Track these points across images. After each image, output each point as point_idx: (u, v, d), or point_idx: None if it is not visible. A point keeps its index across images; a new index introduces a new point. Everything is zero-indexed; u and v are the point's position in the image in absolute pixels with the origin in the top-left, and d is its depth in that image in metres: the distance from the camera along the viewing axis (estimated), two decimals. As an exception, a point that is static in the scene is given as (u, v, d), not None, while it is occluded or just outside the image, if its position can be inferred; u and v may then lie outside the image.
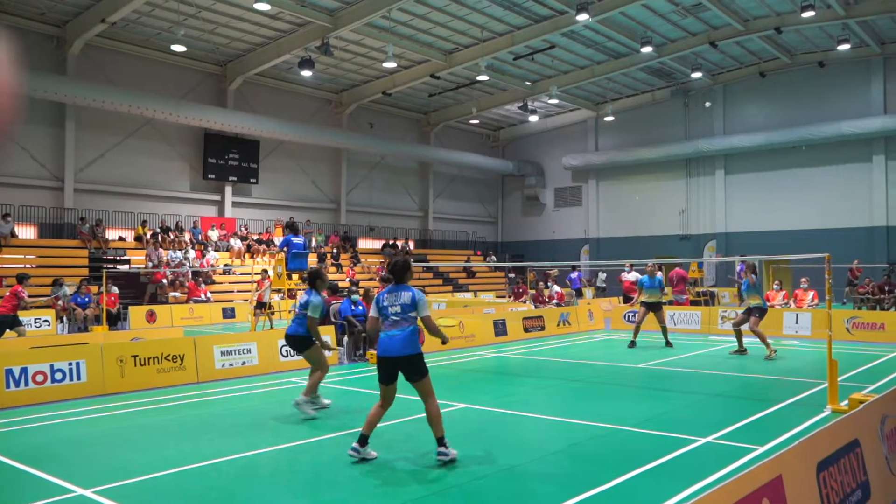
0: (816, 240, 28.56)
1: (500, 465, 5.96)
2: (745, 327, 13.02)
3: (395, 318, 6.03)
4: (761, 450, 6.22)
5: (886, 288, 21.00)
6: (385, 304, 6.08)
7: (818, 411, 7.92)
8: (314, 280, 8.32)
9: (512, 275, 35.67)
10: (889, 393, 5.76)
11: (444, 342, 6.44)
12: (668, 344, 14.44)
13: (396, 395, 6.20)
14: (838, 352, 8.98)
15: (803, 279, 19.46)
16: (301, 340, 8.18)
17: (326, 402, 8.32)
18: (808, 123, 30.43)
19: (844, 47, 26.54)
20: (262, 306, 17.51)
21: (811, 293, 18.73)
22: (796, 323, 16.40)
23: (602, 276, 32.17)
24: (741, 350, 13.34)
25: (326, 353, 8.52)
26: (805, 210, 31.14)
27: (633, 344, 14.62)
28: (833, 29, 26.68)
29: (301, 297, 8.36)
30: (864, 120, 29.12)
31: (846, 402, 7.84)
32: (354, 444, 6.03)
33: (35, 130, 23.98)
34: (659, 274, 15.01)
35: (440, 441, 5.91)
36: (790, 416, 7.80)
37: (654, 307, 14.60)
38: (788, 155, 31.55)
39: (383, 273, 28.17)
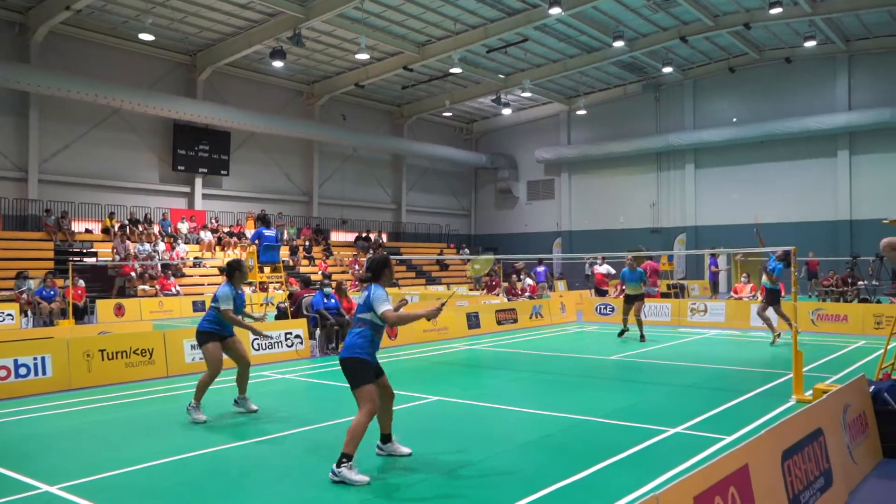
0: (783, 233, 29.09)
1: (472, 457, 5.99)
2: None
3: (357, 315, 5.73)
4: (729, 439, 6.34)
5: (850, 280, 21.49)
6: (359, 303, 5.78)
7: (784, 401, 8.09)
8: (232, 272, 7.87)
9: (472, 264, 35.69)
10: (851, 383, 5.91)
11: (429, 318, 5.84)
12: (642, 338, 14.36)
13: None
14: (803, 343, 9.17)
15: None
16: (199, 336, 7.70)
17: (254, 407, 7.82)
18: (775, 118, 30.96)
19: (811, 44, 27.02)
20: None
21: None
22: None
23: (588, 264, 31.88)
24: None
25: (256, 338, 8.17)
26: (772, 204, 31.67)
27: (623, 333, 14.78)
28: (800, 26, 27.14)
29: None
30: (829, 116, 29.71)
31: (810, 392, 8.01)
32: (378, 444, 6.04)
33: (-3, 120, 23.40)
34: (640, 266, 15.00)
35: (343, 458, 5.28)
36: (757, 406, 7.96)
37: (637, 299, 14.55)
38: (757, 149, 32.07)
39: (360, 273, 28.15)
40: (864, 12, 25.45)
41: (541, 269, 24.42)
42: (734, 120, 32.57)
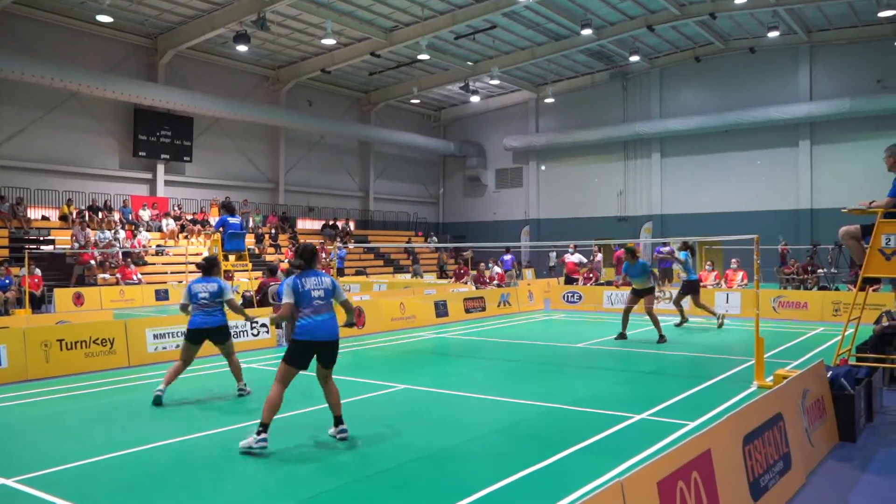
0: (747, 221, 29.61)
1: (438, 445, 5.98)
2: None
3: (319, 301, 5.95)
4: (692, 425, 6.43)
5: (810, 268, 21.96)
6: (308, 288, 5.93)
7: (745, 387, 8.24)
8: (211, 268, 8.19)
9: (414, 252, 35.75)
10: (810, 368, 6.03)
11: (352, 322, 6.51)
12: (661, 338, 12.46)
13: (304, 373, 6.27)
14: (765, 329, 9.34)
15: (734, 260, 20.16)
16: (228, 330, 8.15)
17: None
18: (739, 108, 31.41)
19: (774, 34, 27.43)
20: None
21: (741, 273, 19.42)
22: (727, 302, 16.99)
23: (552, 255, 32.23)
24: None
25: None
26: (736, 193, 32.21)
27: (622, 336, 12.84)
28: (764, 16, 27.53)
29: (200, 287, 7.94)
30: (791, 106, 30.25)
31: (771, 377, 8.17)
32: (331, 429, 6.18)
33: (-52, 103, 22.58)
34: (642, 258, 13.59)
35: (340, 420, 6.12)
36: (719, 392, 8.09)
37: (646, 292, 12.88)
38: (721, 139, 32.54)
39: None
40: (825, 3, 25.89)
41: (508, 257, 24.49)
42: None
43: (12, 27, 23.68)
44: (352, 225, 35.80)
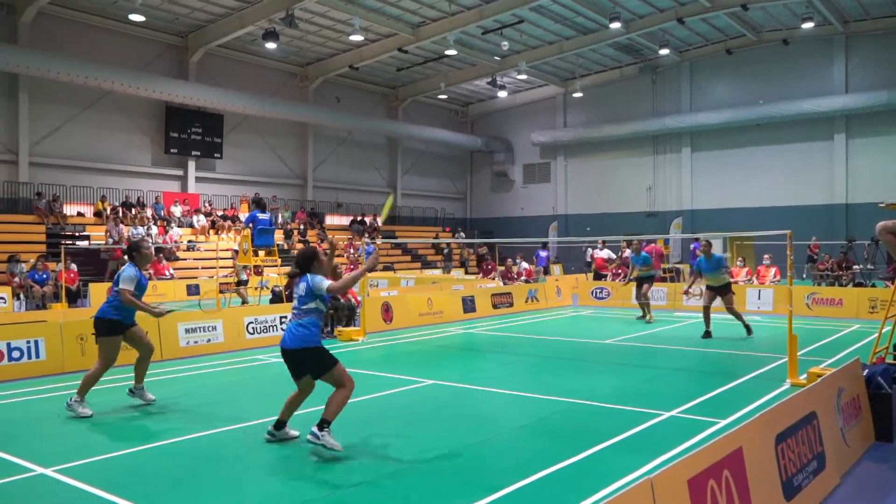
0: (779, 217, 29.07)
1: (465, 441, 5.98)
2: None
3: (295, 309, 5.77)
4: (723, 423, 6.34)
5: (844, 264, 21.51)
6: (296, 295, 5.84)
7: (778, 385, 8.10)
8: (131, 253, 7.39)
9: (445, 249, 35.70)
10: (845, 367, 5.91)
11: (370, 269, 6.19)
12: (748, 330, 12.29)
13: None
14: (798, 327, 9.17)
15: (766, 256, 19.83)
16: (101, 324, 7.20)
17: (151, 396, 7.48)
18: (772, 101, 30.81)
19: (808, 25, 26.85)
20: (240, 283, 17.31)
21: (773, 269, 19.10)
22: (758, 299, 16.75)
23: (590, 251, 31.45)
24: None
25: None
26: (768, 187, 31.65)
27: (707, 334, 12.40)
28: (798, 7, 26.96)
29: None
30: (826, 98, 29.59)
31: (805, 375, 8.03)
32: (270, 429, 5.97)
33: (-13, 102, 23.15)
34: (718, 252, 13.22)
35: (322, 423, 5.52)
36: (751, 389, 7.97)
37: (722, 290, 12.39)
38: (753, 132, 31.97)
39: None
40: (862, -7, 25.30)
41: (543, 253, 24.47)
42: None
43: (48, 28, 24.19)
44: (379, 220, 35.93)
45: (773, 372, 9.01)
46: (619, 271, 21.98)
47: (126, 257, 7.52)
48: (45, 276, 17.97)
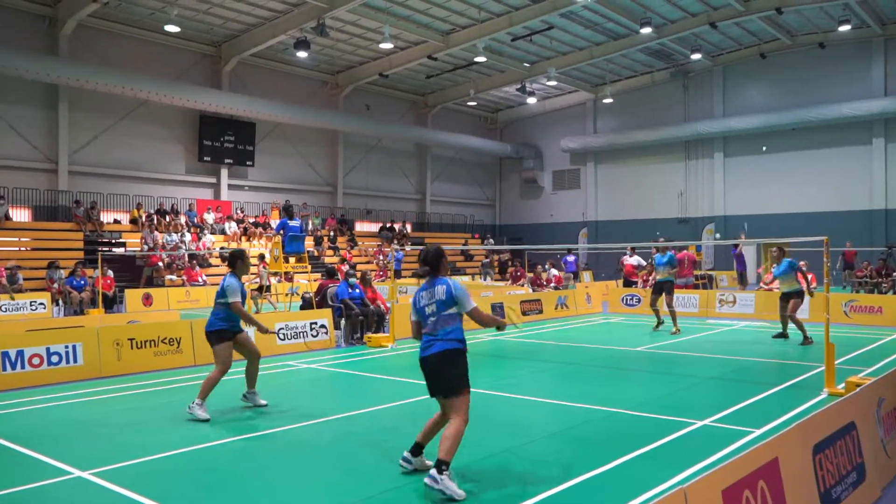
0: (815, 223, 28.52)
1: (495, 448, 5.96)
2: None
3: (432, 318, 5.23)
4: (758, 432, 6.22)
5: (884, 271, 21.01)
6: (423, 304, 5.29)
7: (815, 394, 7.93)
8: (235, 261, 7.54)
9: (485, 258, 35.60)
10: (886, 376, 5.76)
11: (499, 328, 5.65)
12: (806, 340, 12.14)
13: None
14: (836, 335, 8.97)
15: (801, 262, 19.41)
16: (213, 335, 7.37)
17: (263, 402, 7.60)
18: (808, 105, 30.28)
19: (845, 28, 26.34)
20: (261, 290, 17.52)
21: (809, 276, 18.70)
22: (793, 306, 16.34)
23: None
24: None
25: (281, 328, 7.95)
26: (804, 193, 31.07)
27: (783, 335, 12.80)
28: (834, 9, 26.47)
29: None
30: (864, 102, 28.96)
31: (843, 385, 7.85)
32: (406, 454, 5.37)
33: (28, 112, 23.79)
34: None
35: (440, 465, 4.81)
36: (787, 399, 7.81)
37: (793, 296, 12.40)
38: (788, 137, 31.43)
39: (383, 261, 28.24)
40: (901, -5, 24.76)
41: (571, 258, 24.34)
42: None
43: (87, 40, 24.83)
44: (409, 227, 36.06)
45: (809, 381, 8.82)
46: (649, 278, 21.75)
47: (228, 265, 7.64)
48: (82, 282, 18.38)
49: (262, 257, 19.34)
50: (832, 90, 30.12)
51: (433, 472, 4.77)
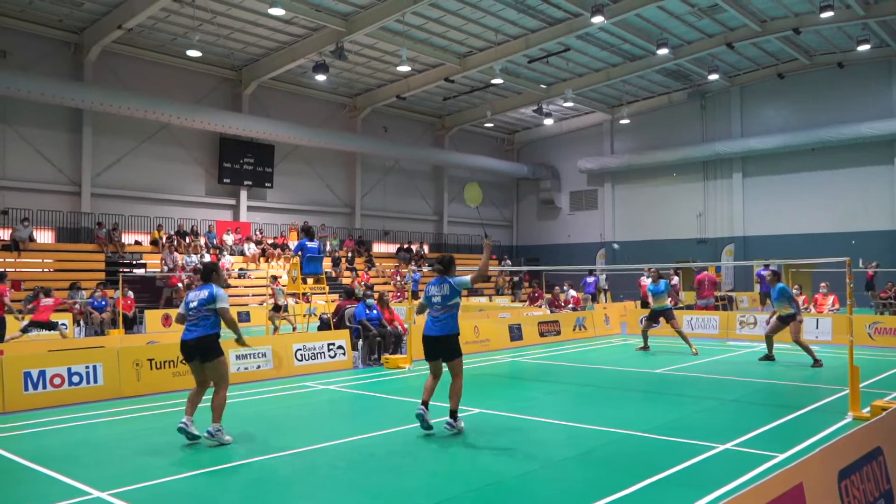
0: (836, 243, 28.18)
1: (512, 471, 5.90)
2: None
3: (437, 305, 7.32)
4: (781, 457, 6.11)
5: (908, 292, 20.66)
6: (432, 293, 7.41)
7: (839, 418, 7.78)
8: (210, 274, 7.22)
9: (513, 278, 35.50)
10: (913, 399, 5.64)
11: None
12: (816, 363, 12.04)
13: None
14: (860, 357, 8.81)
15: (823, 284, 19.18)
16: (214, 343, 7.05)
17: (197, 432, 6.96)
18: (827, 125, 30.08)
19: (864, 48, 26.20)
20: (277, 310, 17.59)
21: (831, 297, 18.47)
22: (816, 328, 16.14)
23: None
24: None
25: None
26: (824, 213, 30.76)
27: (769, 357, 12.93)
28: (853, 29, 26.37)
29: (191, 294, 7.15)
30: (884, 121, 28.70)
31: (868, 408, 7.70)
32: (420, 408, 7.16)
33: (53, 136, 24.27)
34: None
35: (452, 413, 7.21)
36: (811, 422, 7.67)
37: (789, 319, 12.41)
38: (807, 157, 31.20)
39: (401, 283, 28.41)
40: (920, 14, 24.59)
41: (591, 279, 24.25)
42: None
43: (111, 65, 25.35)
44: (426, 248, 36.12)
45: (833, 404, 8.66)
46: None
47: (202, 279, 7.32)
48: (103, 302, 18.58)
49: (274, 278, 19.45)
50: (851, 110, 29.92)
51: (449, 419, 7.25)
